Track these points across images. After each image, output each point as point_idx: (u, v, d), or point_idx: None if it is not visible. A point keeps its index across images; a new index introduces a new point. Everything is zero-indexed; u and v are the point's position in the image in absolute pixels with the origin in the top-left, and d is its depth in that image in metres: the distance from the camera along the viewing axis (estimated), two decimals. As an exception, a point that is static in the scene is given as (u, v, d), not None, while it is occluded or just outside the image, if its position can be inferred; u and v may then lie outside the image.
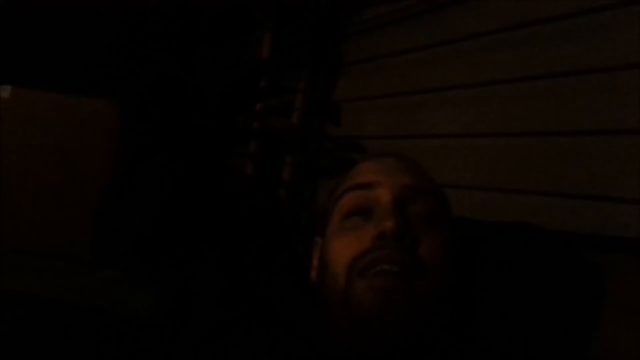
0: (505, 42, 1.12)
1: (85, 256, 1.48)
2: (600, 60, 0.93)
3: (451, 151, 1.22)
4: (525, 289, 0.73)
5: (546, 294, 0.72)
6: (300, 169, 1.69)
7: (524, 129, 1.06)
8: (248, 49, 1.82)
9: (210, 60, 1.78)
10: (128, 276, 1.34)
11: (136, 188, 1.56)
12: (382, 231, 0.63)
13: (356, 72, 1.63)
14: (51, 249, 1.49)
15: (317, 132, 1.71)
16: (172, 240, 1.37)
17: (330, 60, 1.70)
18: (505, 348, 0.68)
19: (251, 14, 1.79)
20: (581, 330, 0.69)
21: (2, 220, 1.42)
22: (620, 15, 0.90)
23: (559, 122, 0.99)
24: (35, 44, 1.65)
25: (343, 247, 0.66)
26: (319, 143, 1.72)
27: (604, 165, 0.89)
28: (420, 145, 1.31)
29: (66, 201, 1.52)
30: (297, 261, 0.86)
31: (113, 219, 1.49)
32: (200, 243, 1.24)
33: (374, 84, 1.54)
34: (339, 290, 0.64)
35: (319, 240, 0.75)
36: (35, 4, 1.59)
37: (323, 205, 0.77)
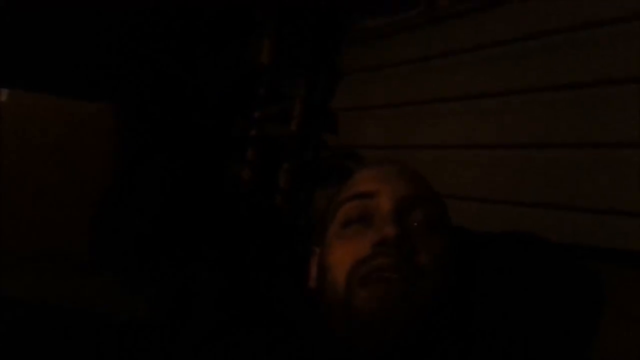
0: (505, 55, 1.13)
1: (84, 257, 1.48)
2: (600, 73, 0.93)
3: (450, 162, 1.22)
4: (524, 294, 0.73)
5: (545, 299, 0.72)
6: (297, 176, 1.68)
7: (523, 141, 1.07)
8: (248, 49, 1.82)
9: (210, 60, 1.78)
10: (127, 277, 1.34)
11: (136, 188, 1.56)
12: (382, 238, 0.62)
13: (355, 81, 1.63)
14: (50, 249, 1.49)
15: (314, 139, 1.71)
16: (172, 240, 1.37)
17: (329, 68, 1.70)
18: (505, 351, 0.68)
19: (251, 14, 1.79)
20: (579, 335, 0.70)
21: (2, 220, 1.42)
22: (621, 30, 0.91)
23: (558, 134, 1.00)
24: (35, 45, 1.65)
25: (342, 254, 0.66)
26: (316, 150, 1.71)
27: (603, 177, 0.89)
28: (418, 155, 1.31)
29: (66, 201, 1.53)
30: (297, 262, 0.86)
31: (113, 219, 1.49)
32: (200, 243, 1.24)
33: (373, 93, 1.54)
34: (339, 298, 0.63)
35: (317, 249, 0.75)
36: (35, 4, 1.59)
37: (321, 214, 0.77)
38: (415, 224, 0.66)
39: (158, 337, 0.85)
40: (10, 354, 0.98)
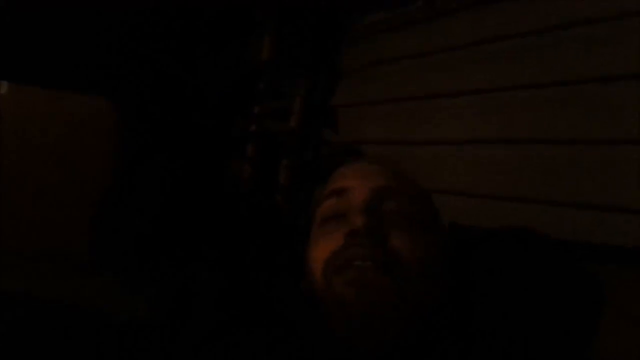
0: (505, 51, 1.12)
1: (84, 257, 1.48)
2: (600, 70, 0.93)
3: (450, 158, 1.22)
4: (524, 293, 0.73)
5: (545, 298, 0.72)
6: (298, 173, 1.68)
7: (524, 137, 1.06)
8: (248, 49, 1.82)
9: (210, 60, 1.78)
10: (127, 277, 1.34)
11: (136, 188, 1.56)
12: (353, 229, 0.64)
13: (355, 77, 1.62)
14: (50, 249, 1.49)
15: (315, 136, 1.71)
16: (172, 240, 1.37)
17: (330, 65, 1.70)
18: (505, 351, 0.68)
19: (251, 14, 1.79)
20: (579, 335, 0.70)
21: (2, 220, 1.42)
22: (620, 27, 0.91)
23: (558, 131, 0.99)
24: (35, 43, 1.65)
25: (319, 250, 0.68)
26: (316, 147, 1.71)
27: (604, 174, 0.89)
28: (418, 151, 1.31)
29: (66, 201, 1.52)
30: (297, 262, 0.86)
31: (113, 219, 1.49)
32: (200, 243, 1.24)
33: (374, 89, 1.53)
34: (321, 291, 0.66)
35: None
36: (35, 4, 1.59)
37: (312, 213, 0.78)
38: (388, 213, 0.67)
39: (158, 337, 0.85)
40: (10, 354, 0.98)
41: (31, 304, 1.13)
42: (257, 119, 1.74)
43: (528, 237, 0.81)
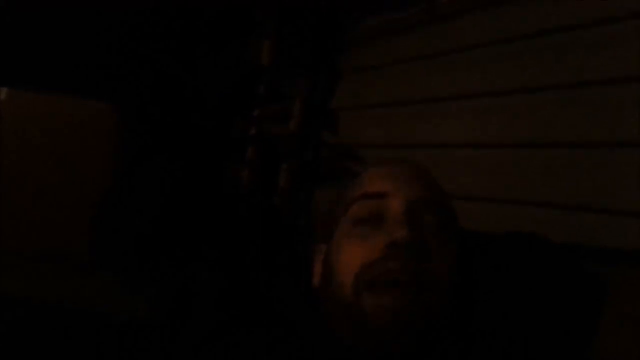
0: (506, 54, 1.13)
1: (84, 257, 1.48)
2: (600, 72, 0.93)
3: (450, 161, 1.22)
4: (525, 294, 0.73)
5: (545, 299, 0.72)
6: (297, 175, 1.68)
7: (524, 140, 1.06)
8: (248, 49, 1.82)
9: (210, 60, 1.78)
10: (127, 277, 1.34)
11: (136, 189, 1.56)
12: (393, 240, 0.62)
13: (356, 79, 1.63)
14: (50, 249, 1.49)
15: (315, 138, 1.71)
16: (172, 241, 1.37)
17: (330, 66, 1.70)
18: (505, 351, 0.68)
19: (251, 14, 1.79)
20: (579, 335, 0.70)
21: (2, 220, 1.42)
22: (620, 29, 0.91)
23: (558, 133, 0.99)
24: (35, 44, 1.65)
25: (351, 255, 0.66)
26: (316, 149, 1.71)
27: (604, 176, 0.89)
28: (418, 154, 1.31)
29: (66, 201, 1.52)
30: (297, 262, 0.86)
31: (113, 220, 1.49)
32: (200, 243, 1.24)
33: (373, 92, 1.54)
34: (346, 301, 0.63)
35: (323, 247, 0.75)
36: (35, 4, 1.59)
37: (329, 212, 0.77)
38: (427, 228, 0.65)
39: (158, 337, 0.85)
40: (10, 354, 0.98)
41: (31, 304, 1.13)
42: (257, 121, 1.74)
43: (529, 239, 0.81)
